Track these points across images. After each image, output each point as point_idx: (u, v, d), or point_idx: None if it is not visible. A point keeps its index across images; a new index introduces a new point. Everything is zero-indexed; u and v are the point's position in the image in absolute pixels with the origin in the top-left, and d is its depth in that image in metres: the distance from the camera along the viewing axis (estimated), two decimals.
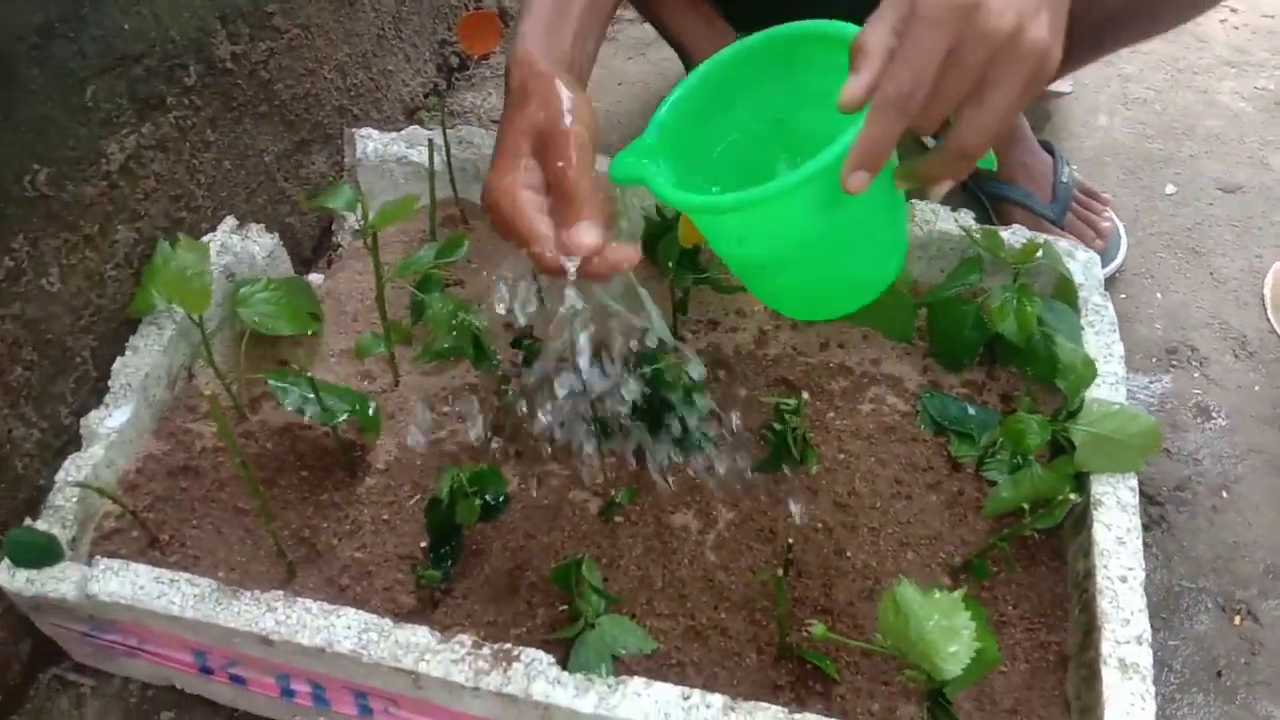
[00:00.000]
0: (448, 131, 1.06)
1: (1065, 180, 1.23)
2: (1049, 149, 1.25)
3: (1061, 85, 1.38)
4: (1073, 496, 0.73)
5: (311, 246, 1.19)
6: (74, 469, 0.84)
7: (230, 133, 1.01)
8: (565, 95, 0.69)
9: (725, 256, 0.72)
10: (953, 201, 1.02)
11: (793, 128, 0.73)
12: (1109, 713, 0.68)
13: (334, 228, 1.16)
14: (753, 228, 0.66)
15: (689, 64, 1.28)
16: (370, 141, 1.10)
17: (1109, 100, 1.43)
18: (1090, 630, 0.74)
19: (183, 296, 0.87)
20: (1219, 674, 0.90)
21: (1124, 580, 0.74)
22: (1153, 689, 0.70)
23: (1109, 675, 0.70)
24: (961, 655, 0.61)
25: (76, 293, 0.86)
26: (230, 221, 1.00)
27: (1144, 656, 0.71)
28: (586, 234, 0.65)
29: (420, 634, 0.72)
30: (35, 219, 0.80)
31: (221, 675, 0.81)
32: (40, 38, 0.77)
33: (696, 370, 0.79)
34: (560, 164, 0.67)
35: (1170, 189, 1.31)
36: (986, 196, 1.25)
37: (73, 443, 0.87)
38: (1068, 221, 1.20)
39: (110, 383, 0.88)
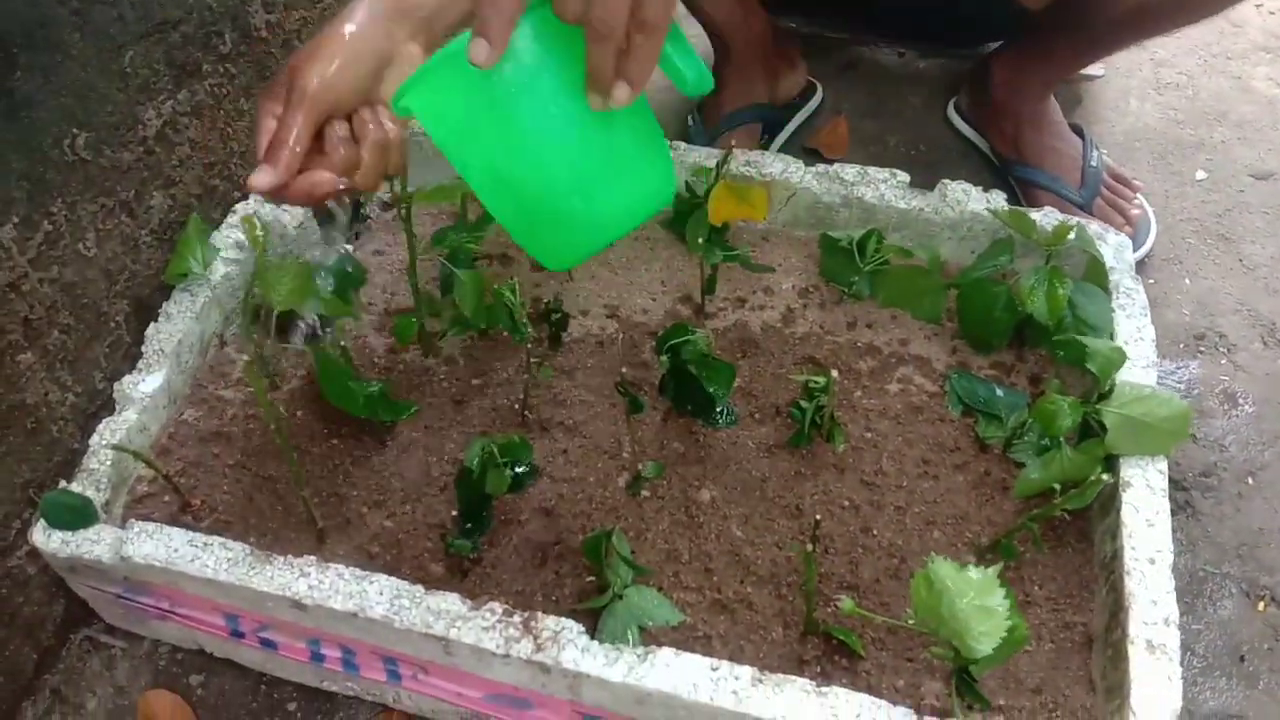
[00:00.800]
0: None
1: (1095, 165, 1.22)
2: (1079, 132, 1.24)
3: (1093, 69, 1.37)
4: (1105, 478, 0.73)
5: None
6: (108, 432, 0.84)
7: None
8: (332, 49, 0.65)
9: (469, 168, 0.62)
10: (984, 183, 1.01)
11: None
12: (1135, 692, 0.69)
13: (363, 199, 1.16)
14: (462, 122, 0.59)
15: (718, 45, 1.27)
16: None
17: (1140, 85, 1.41)
18: (1117, 611, 0.75)
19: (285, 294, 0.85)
20: (1242, 659, 0.90)
21: (1152, 562, 0.75)
22: (1179, 670, 0.70)
23: (1136, 655, 0.70)
24: (993, 634, 0.62)
25: (112, 258, 0.87)
26: None
27: (1171, 637, 0.71)
28: (257, 177, 0.64)
29: (451, 601, 0.73)
30: (74, 184, 0.81)
31: (252, 639, 0.82)
32: (81, 3, 0.78)
33: None
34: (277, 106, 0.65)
35: (1201, 175, 1.30)
36: (1015, 181, 1.24)
37: (106, 407, 0.87)
38: (1096, 207, 1.19)
39: (144, 348, 0.89)
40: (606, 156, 0.63)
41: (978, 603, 0.62)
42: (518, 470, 0.83)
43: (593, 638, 0.73)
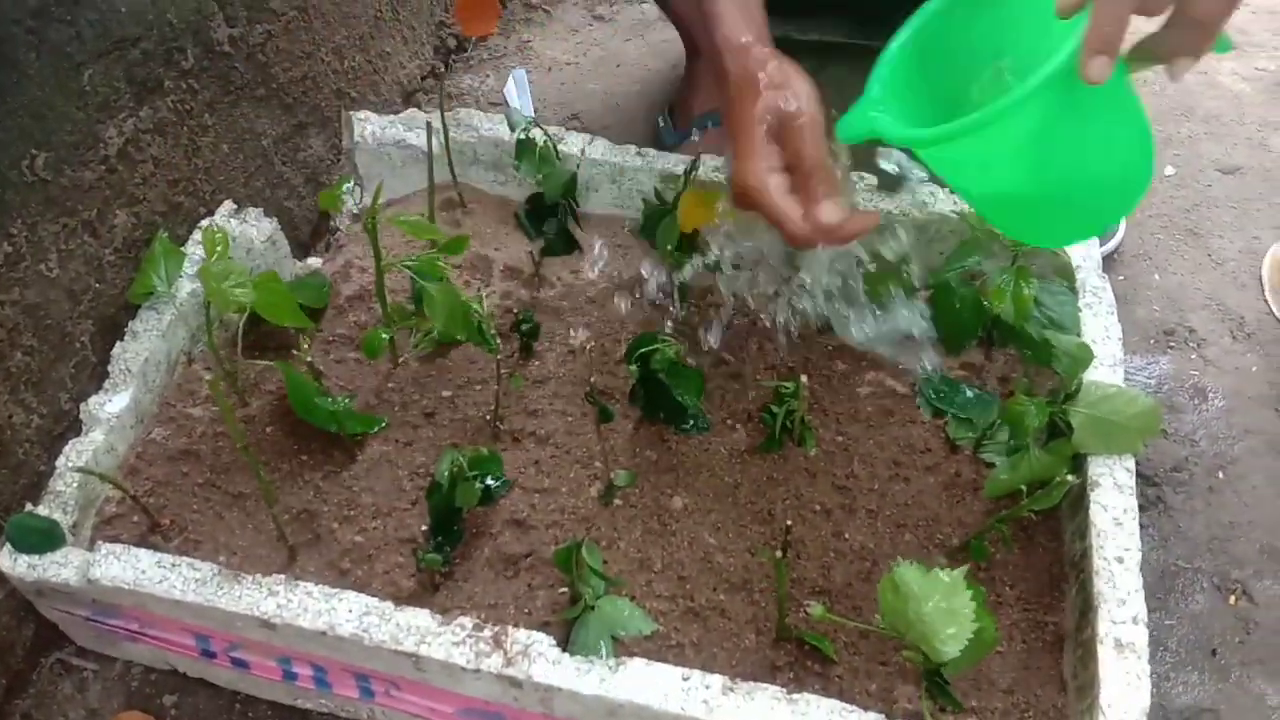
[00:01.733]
0: (446, 114, 1.06)
1: None
2: None
3: None
4: (1070, 478, 0.74)
5: (310, 230, 1.19)
6: (74, 454, 0.84)
7: (228, 116, 1.01)
8: (792, 77, 0.76)
9: (971, 193, 0.75)
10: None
11: (1011, 70, 0.72)
12: (1104, 691, 0.69)
13: (332, 211, 1.16)
14: (998, 149, 0.66)
15: (690, 45, 1.28)
16: (368, 125, 1.10)
17: None
18: (1087, 610, 0.75)
19: (281, 314, 0.88)
20: (1214, 653, 0.90)
21: (1120, 561, 0.75)
22: (1148, 668, 0.70)
23: (1105, 654, 0.71)
24: (960, 636, 0.62)
25: (75, 278, 0.86)
26: (228, 206, 1.00)
27: (1140, 636, 0.71)
28: (831, 213, 0.73)
29: (421, 617, 0.73)
30: (33, 204, 0.80)
31: (223, 659, 0.81)
32: (36, 21, 0.77)
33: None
34: (798, 145, 0.75)
35: (1169, 170, 1.31)
36: None
37: (73, 428, 0.87)
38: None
39: (110, 368, 0.89)
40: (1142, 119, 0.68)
41: (944, 605, 0.62)
42: (488, 483, 0.83)
43: (565, 649, 0.73)
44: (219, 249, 0.88)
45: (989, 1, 0.71)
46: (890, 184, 0.99)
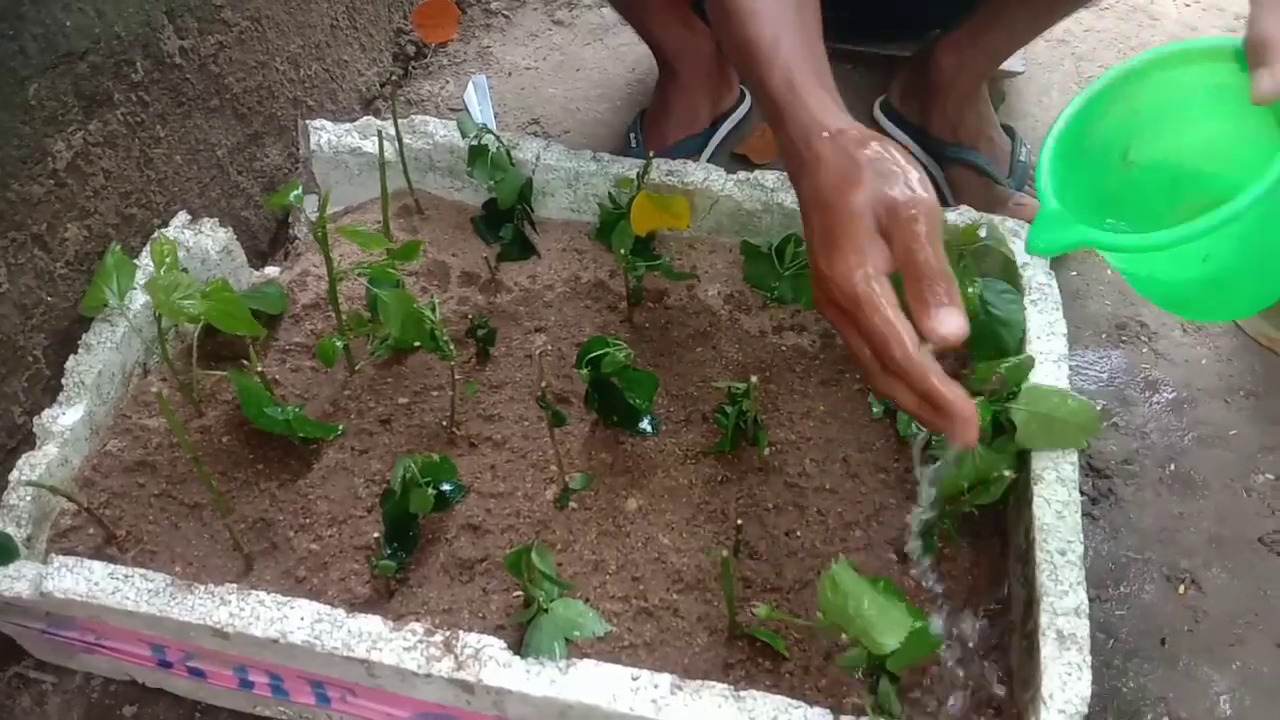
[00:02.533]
0: (401, 121, 1.06)
1: (1023, 159, 1.25)
2: (1009, 132, 1.27)
3: (1014, 65, 1.39)
4: (1008, 474, 0.75)
5: (268, 239, 1.19)
6: (28, 468, 0.84)
7: (181, 127, 1.01)
8: (903, 160, 0.64)
9: (1154, 289, 0.81)
10: None
11: (1136, 159, 0.78)
12: (1045, 683, 0.70)
13: (290, 220, 1.16)
14: (1223, 242, 0.69)
15: (664, 66, 1.28)
16: (324, 133, 1.10)
17: (1063, 79, 1.44)
18: (1030, 603, 0.76)
19: (232, 322, 0.88)
20: (1163, 641, 0.92)
21: (1063, 554, 0.76)
22: (1089, 659, 0.71)
23: (1047, 647, 0.72)
24: (897, 630, 0.63)
25: (26, 291, 0.86)
26: (183, 216, 1.00)
27: (1081, 628, 0.73)
28: (952, 322, 0.60)
29: (372, 623, 0.73)
30: None
31: (180, 669, 0.82)
32: None
33: None
34: (910, 242, 0.61)
35: None
36: (943, 162, 1.25)
37: (26, 441, 0.87)
38: (1021, 196, 1.22)
39: (63, 381, 0.89)
40: None
41: (880, 600, 0.63)
42: (443, 488, 0.84)
43: (520, 652, 0.73)
44: (168, 260, 0.88)
45: (1117, 98, 0.76)
46: None
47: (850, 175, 0.64)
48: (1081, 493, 0.81)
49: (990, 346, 0.89)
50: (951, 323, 0.59)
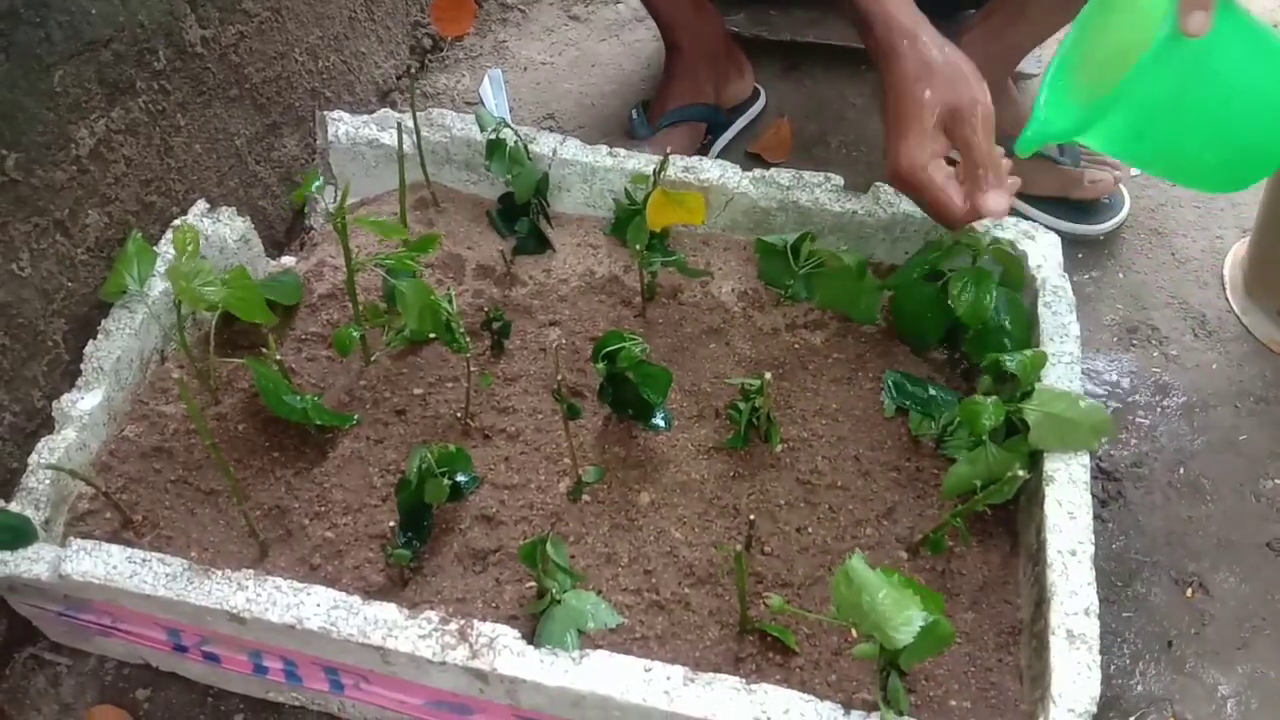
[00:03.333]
0: (419, 114, 1.07)
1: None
2: None
3: (1028, 66, 1.39)
4: (1021, 473, 0.75)
5: (285, 229, 1.20)
6: (47, 451, 0.85)
7: (201, 116, 1.02)
8: (969, 70, 0.81)
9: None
10: None
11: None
12: (1055, 681, 0.71)
13: (306, 210, 1.16)
14: (1145, 115, 0.74)
15: (671, 45, 1.29)
16: (341, 124, 1.11)
17: None
18: (1040, 602, 0.77)
19: (250, 310, 0.90)
20: (1170, 644, 0.92)
21: (1074, 554, 0.77)
22: (1098, 658, 0.72)
23: (1057, 645, 0.72)
24: (911, 623, 0.63)
25: (47, 277, 0.87)
26: (201, 205, 1.01)
27: (1091, 627, 0.73)
28: (998, 201, 0.80)
29: (388, 610, 0.74)
30: (4, 204, 0.81)
31: (195, 653, 0.83)
32: (4, 24, 0.78)
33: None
34: (969, 135, 0.80)
35: (1135, 170, 1.33)
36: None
37: (45, 425, 0.88)
38: (1093, 172, 1.22)
39: (82, 366, 0.89)
40: (1266, 61, 0.76)
41: (895, 595, 0.64)
42: (458, 479, 0.85)
43: (532, 642, 0.74)
44: (189, 248, 0.89)
45: (1119, 7, 0.79)
46: None
47: (924, 75, 0.80)
48: (1091, 495, 0.81)
49: (995, 351, 0.89)
50: (998, 201, 0.80)
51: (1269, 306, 1.14)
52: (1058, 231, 1.00)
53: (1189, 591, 0.96)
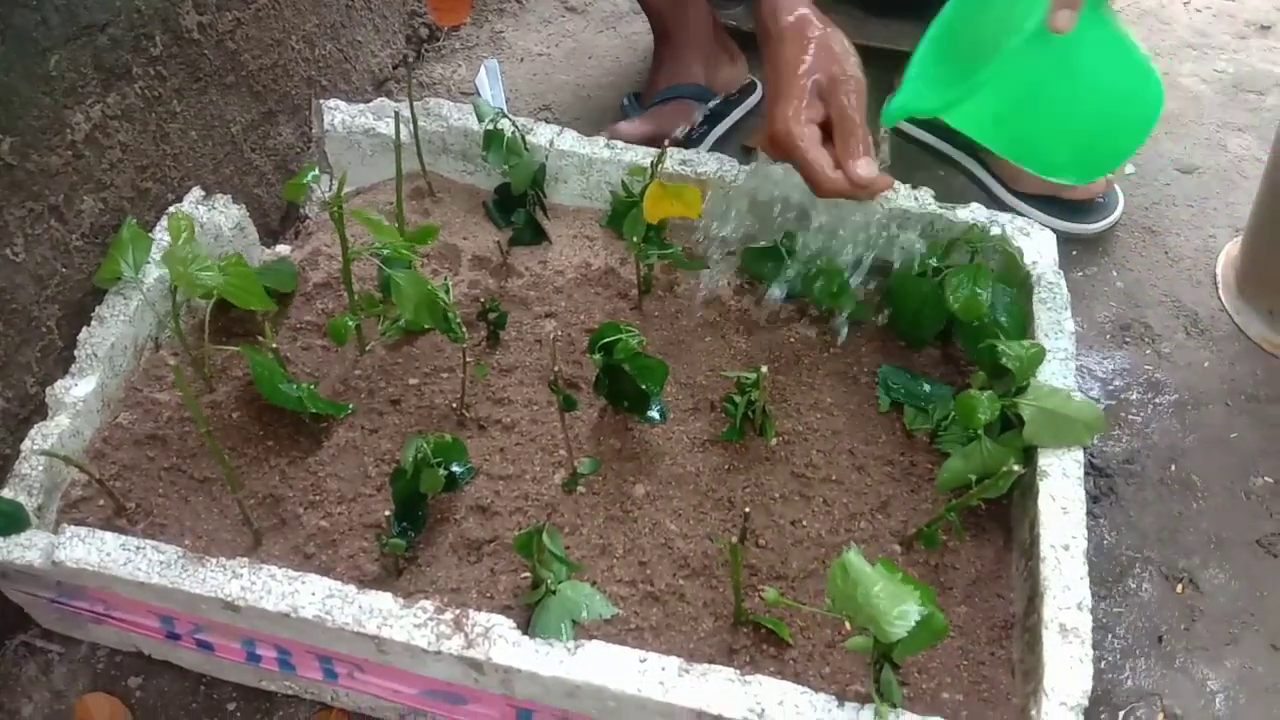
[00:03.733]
0: (415, 104, 1.06)
1: None
2: None
3: None
4: (1016, 468, 0.76)
5: (279, 217, 1.19)
6: (40, 438, 0.84)
7: (197, 103, 1.01)
8: (843, 43, 0.86)
9: (993, 143, 0.84)
10: (918, 179, 1.04)
11: None
12: (1048, 674, 0.71)
13: (301, 199, 1.16)
14: (1004, 101, 0.79)
15: (661, 35, 1.29)
16: (338, 113, 1.10)
17: None
18: (1033, 596, 0.77)
19: (246, 298, 0.90)
20: (1160, 639, 0.93)
21: (1066, 548, 0.77)
22: (1091, 653, 0.72)
23: (1049, 639, 0.73)
24: (907, 617, 0.64)
25: (42, 262, 0.87)
26: (197, 192, 1.01)
27: (1083, 621, 0.74)
28: (865, 168, 0.83)
29: (383, 600, 0.74)
30: None
31: (188, 641, 0.82)
32: (1, 7, 0.77)
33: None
34: (842, 104, 0.84)
35: (1130, 169, 1.33)
36: (988, 154, 1.26)
37: (38, 412, 0.87)
38: None
39: (76, 352, 0.89)
40: (1119, 62, 0.81)
41: (890, 588, 0.64)
42: (453, 469, 0.85)
43: (527, 633, 0.74)
44: (185, 234, 0.88)
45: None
46: None
47: (803, 48, 0.85)
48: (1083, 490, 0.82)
49: (991, 350, 0.90)
50: (866, 168, 0.83)
51: (1261, 306, 1.15)
52: (1051, 230, 1.01)
53: (1179, 587, 0.96)
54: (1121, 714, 0.89)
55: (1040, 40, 0.74)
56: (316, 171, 0.90)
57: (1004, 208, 1.20)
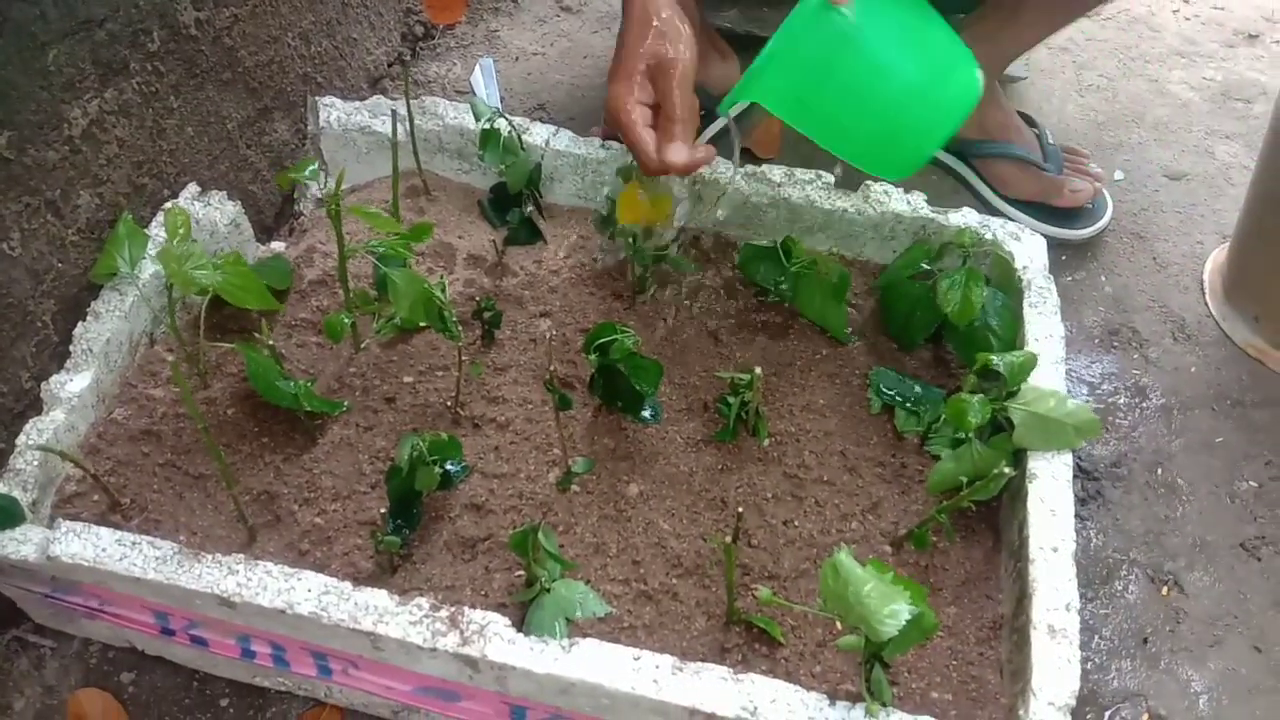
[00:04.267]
0: (411, 102, 1.07)
1: (1052, 143, 1.26)
2: (1027, 119, 1.29)
3: (1016, 70, 1.41)
4: (1007, 470, 0.77)
5: (274, 214, 1.19)
6: (35, 432, 0.84)
7: (193, 99, 1.01)
8: (681, 31, 0.87)
9: (804, 127, 0.83)
10: (912, 182, 1.05)
11: None
12: (1036, 675, 0.72)
13: (296, 196, 1.16)
14: (801, 82, 0.78)
15: None
16: (333, 110, 1.10)
17: (1063, 86, 1.46)
18: (1022, 597, 0.78)
19: (245, 296, 0.90)
20: (1145, 641, 0.94)
21: (1055, 550, 0.78)
22: (1079, 653, 0.74)
23: (1038, 640, 0.74)
24: (898, 616, 0.64)
25: (38, 257, 0.86)
26: (193, 188, 1.01)
27: (1071, 622, 0.75)
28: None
29: (379, 596, 0.74)
30: None
31: (183, 637, 0.83)
32: (0, 1, 0.77)
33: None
34: (668, 89, 0.86)
35: (1119, 175, 1.35)
36: (978, 159, 1.27)
37: (33, 407, 0.87)
38: (1074, 182, 1.24)
39: (71, 348, 0.89)
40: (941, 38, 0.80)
41: (881, 588, 0.65)
42: (448, 467, 0.85)
43: (521, 630, 0.74)
44: (181, 230, 0.88)
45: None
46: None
47: (644, 29, 0.87)
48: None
49: (982, 351, 0.90)
50: (676, 153, 0.85)
51: (1247, 312, 1.16)
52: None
53: (1165, 590, 0.98)
54: (1107, 714, 0.90)
55: (824, 14, 0.72)
56: (315, 166, 0.90)
57: (994, 212, 1.21)
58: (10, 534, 0.79)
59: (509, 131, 1.05)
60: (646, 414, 0.91)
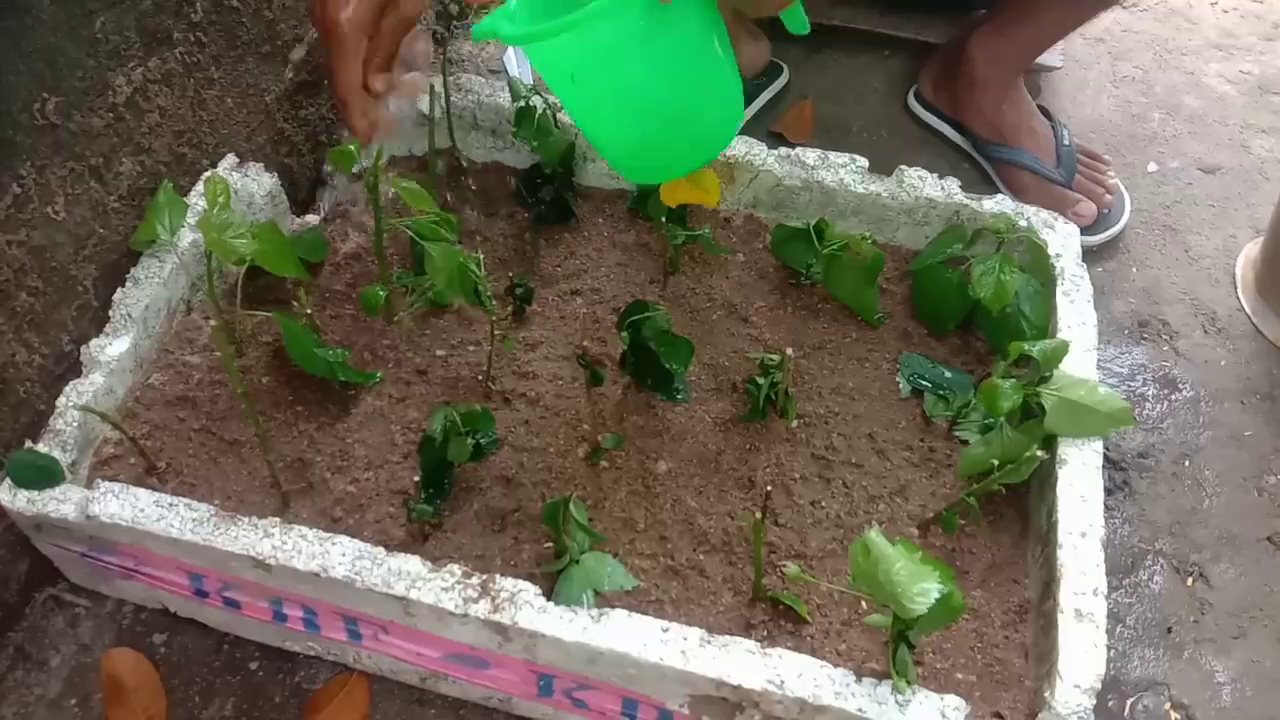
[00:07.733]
0: (447, 80, 1.07)
1: (1068, 144, 1.25)
2: (1047, 114, 1.28)
3: (1051, 60, 1.40)
4: (1039, 454, 0.77)
5: (309, 188, 1.20)
6: (75, 394, 0.86)
7: (234, 71, 1.02)
8: None
9: (564, 99, 0.76)
10: (943, 169, 1.04)
11: None
12: (1063, 658, 0.72)
13: (331, 170, 1.17)
14: (583, 60, 0.70)
15: None
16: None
17: (1098, 77, 1.45)
18: (1050, 582, 0.78)
19: (280, 264, 0.91)
20: (1169, 630, 0.94)
21: (1084, 535, 0.78)
22: (1105, 638, 0.74)
23: (1065, 624, 0.74)
24: (927, 595, 0.65)
25: (80, 222, 0.88)
26: (231, 159, 1.02)
27: (1099, 607, 0.75)
28: (380, 81, 0.83)
29: (412, 563, 0.75)
30: (42, 147, 0.82)
31: (216, 599, 0.84)
32: None
33: None
34: (385, 20, 0.81)
35: (1152, 167, 1.34)
36: (991, 162, 1.27)
37: (73, 369, 0.89)
38: (1076, 183, 1.23)
39: (111, 312, 0.90)
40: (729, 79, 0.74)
41: (911, 567, 0.65)
42: (479, 440, 0.86)
43: (549, 600, 0.75)
44: (220, 200, 0.89)
45: None
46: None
47: None
48: None
49: (1013, 337, 0.91)
50: (379, 81, 0.83)
51: (1278, 306, 1.15)
52: None
53: (1189, 581, 0.98)
54: (1129, 702, 0.90)
55: (630, 6, 0.66)
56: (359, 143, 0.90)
57: None
58: (51, 493, 0.80)
59: (544, 110, 1.06)
60: (677, 392, 0.91)
